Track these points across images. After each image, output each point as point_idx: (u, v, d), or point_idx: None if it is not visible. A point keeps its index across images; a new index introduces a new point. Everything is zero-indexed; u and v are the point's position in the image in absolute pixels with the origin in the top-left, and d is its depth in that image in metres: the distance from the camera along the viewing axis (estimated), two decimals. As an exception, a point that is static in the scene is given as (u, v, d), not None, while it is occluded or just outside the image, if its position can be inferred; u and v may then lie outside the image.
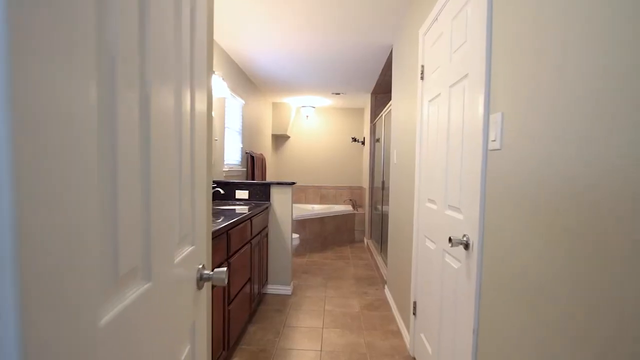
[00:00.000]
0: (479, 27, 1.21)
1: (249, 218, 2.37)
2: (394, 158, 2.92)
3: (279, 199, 3.09)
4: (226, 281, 0.81)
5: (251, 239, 2.46)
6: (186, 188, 0.72)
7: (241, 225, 2.17)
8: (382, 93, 4.99)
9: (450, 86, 1.52)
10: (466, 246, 1.28)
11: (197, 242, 0.80)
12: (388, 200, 3.58)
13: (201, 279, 0.81)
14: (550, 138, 0.81)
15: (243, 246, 2.25)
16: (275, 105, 5.86)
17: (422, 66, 1.99)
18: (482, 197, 1.17)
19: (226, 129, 3.50)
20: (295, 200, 6.36)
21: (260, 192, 3.09)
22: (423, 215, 1.92)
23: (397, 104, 2.87)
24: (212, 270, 0.85)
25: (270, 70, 4.03)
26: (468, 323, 1.26)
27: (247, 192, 3.09)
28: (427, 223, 1.84)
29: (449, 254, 1.49)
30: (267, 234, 3.04)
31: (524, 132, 0.92)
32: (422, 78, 1.99)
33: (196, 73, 0.78)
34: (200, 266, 0.82)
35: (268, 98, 5.54)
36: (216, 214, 2.22)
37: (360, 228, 5.59)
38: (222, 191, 2.75)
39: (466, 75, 1.34)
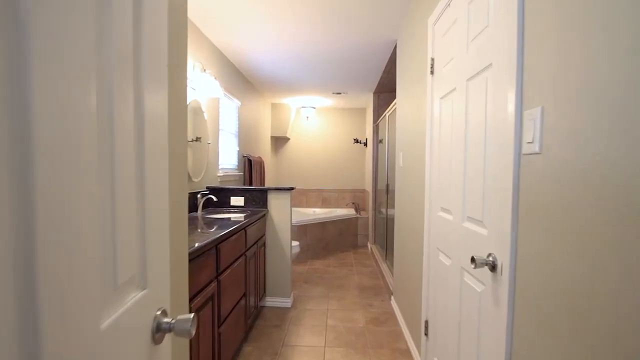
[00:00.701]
0: (508, 6, 1.01)
1: (243, 228, 2.17)
2: (399, 161, 2.72)
3: (277, 205, 2.90)
4: (193, 332, 0.61)
5: (246, 251, 2.27)
6: (127, 216, 0.52)
7: (234, 237, 1.97)
8: (385, 92, 4.79)
9: (468, 79, 1.32)
10: (493, 267, 1.08)
11: (152, 284, 0.60)
12: (393, 204, 3.38)
13: (158, 330, 0.61)
14: (616, 137, 0.61)
15: (237, 259, 2.05)
16: (274, 106, 5.67)
17: (432, 59, 1.79)
18: (514, 210, 0.97)
19: (221, 132, 3.31)
20: (296, 204, 6.16)
21: (257, 199, 2.90)
22: (435, 225, 1.72)
23: (402, 103, 2.67)
24: (189, 313, 0.65)
25: (268, 69, 3.85)
26: (496, 357, 1.05)
27: (242, 198, 2.89)
28: (440, 234, 1.64)
29: (470, 273, 1.29)
30: (264, 243, 2.84)
31: (575, 130, 0.72)
32: (431, 72, 1.79)
33: (145, 65, 0.59)
34: (159, 312, 0.62)
35: (266, 99, 5.35)
36: (208, 224, 2.03)
37: (363, 232, 5.38)
38: (214, 198, 2.56)
39: (489, 66, 1.14)
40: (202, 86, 2.51)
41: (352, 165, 6.13)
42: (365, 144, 5.74)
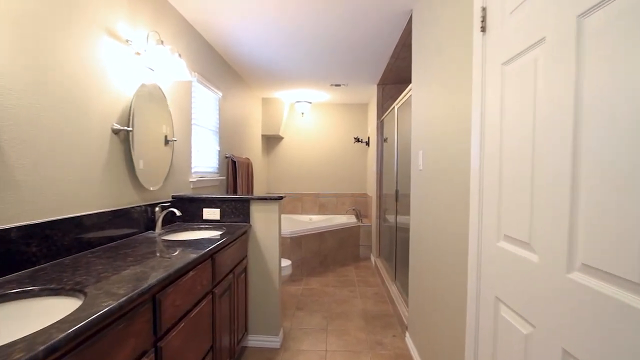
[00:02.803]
0: None
1: (208, 256, 1.56)
2: (418, 162, 2.12)
3: (262, 218, 2.29)
4: None
5: (215, 287, 1.66)
6: None
7: (189, 275, 1.36)
8: (391, 84, 4.20)
9: (582, 15, 0.72)
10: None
11: None
12: (404, 211, 2.78)
13: None
14: None
15: (196, 305, 1.44)
16: (265, 102, 5.06)
17: (484, 9, 1.19)
18: None
19: (195, 127, 2.70)
20: (291, 210, 5.55)
21: (237, 211, 2.29)
22: (493, 261, 1.12)
23: (422, 89, 2.08)
24: None
25: (255, 55, 3.24)
26: None
27: (218, 210, 2.28)
28: (505, 278, 1.04)
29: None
30: (245, 269, 2.23)
31: None
32: (482, 29, 1.20)
33: None
34: None
35: (256, 92, 4.75)
36: (155, 253, 1.42)
37: (366, 243, 4.78)
38: (177, 212, 1.94)
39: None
40: (162, 64, 1.91)
41: (353, 167, 5.53)
42: (367, 144, 5.14)
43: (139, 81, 1.86)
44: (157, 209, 1.97)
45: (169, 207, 2.11)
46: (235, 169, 3.46)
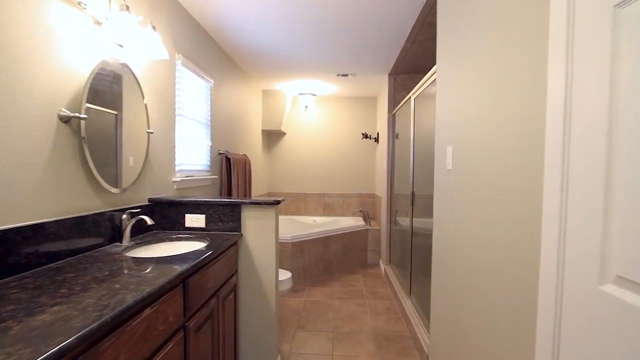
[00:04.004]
0: None
1: (174, 285, 1.19)
2: (446, 160, 1.73)
3: (256, 226, 1.92)
4: None
5: (188, 320, 1.29)
6: None
7: (143, 315, 0.99)
8: (404, 73, 3.80)
9: None
10: None
11: None
12: (421, 214, 2.40)
13: None
14: None
15: (156, 354, 1.07)
16: (266, 94, 4.69)
17: None
18: None
19: (180, 118, 2.33)
20: (293, 211, 5.18)
21: (225, 217, 1.92)
22: (588, 318, 0.73)
23: (452, 72, 1.68)
24: None
25: (255, 40, 2.86)
26: None
27: (203, 217, 1.91)
28: (613, 351, 0.65)
29: None
30: (234, 288, 1.86)
31: None
32: (569, -37, 0.80)
33: None
34: None
35: (256, 84, 4.37)
36: (115, 276, 1.05)
37: (374, 248, 4.40)
38: (149, 221, 1.57)
39: None
40: (130, 38, 1.54)
41: (360, 165, 5.13)
42: (377, 140, 4.75)
43: (100, 58, 1.49)
44: (124, 216, 1.60)
45: (139, 213, 1.74)
46: (230, 167, 3.09)
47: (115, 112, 1.57)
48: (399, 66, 3.56)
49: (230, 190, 3.10)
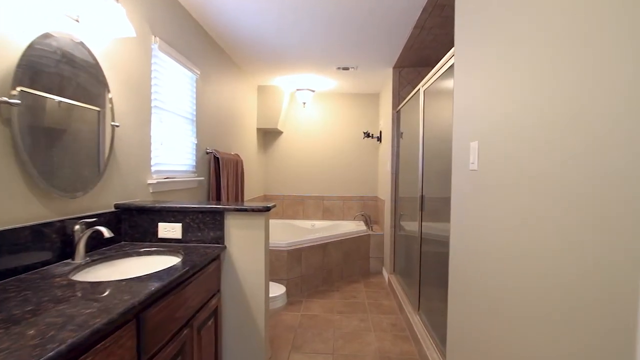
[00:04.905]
0: None
1: (125, 323, 0.90)
2: (468, 159, 1.44)
3: (243, 237, 1.63)
4: None
5: (146, 364, 0.99)
6: None
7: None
8: (410, 66, 3.51)
9: None
10: None
11: None
12: (430, 219, 2.11)
13: None
14: None
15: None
16: (261, 90, 4.40)
17: None
18: None
19: (158, 111, 2.04)
20: (291, 215, 4.88)
21: (205, 226, 1.62)
22: None
23: (479, 52, 1.40)
24: None
25: (248, 28, 2.58)
26: None
27: (179, 225, 1.62)
28: None
29: None
30: (215, 310, 1.56)
31: None
32: None
33: None
34: None
35: (251, 78, 4.08)
36: (18, 323, 0.76)
37: (377, 255, 4.10)
38: (106, 233, 1.27)
39: None
40: (82, 6, 1.25)
41: (362, 166, 4.84)
42: (379, 139, 4.46)
43: (41, 30, 1.20)
44: (76, 227, 1.30)
45: (98, 222, 1.44)
46: (219, 167, 2.80)
47: (65, 100, 1.28)
48: (405, 58, 3.27)
49: (220, 193, 2.80)
